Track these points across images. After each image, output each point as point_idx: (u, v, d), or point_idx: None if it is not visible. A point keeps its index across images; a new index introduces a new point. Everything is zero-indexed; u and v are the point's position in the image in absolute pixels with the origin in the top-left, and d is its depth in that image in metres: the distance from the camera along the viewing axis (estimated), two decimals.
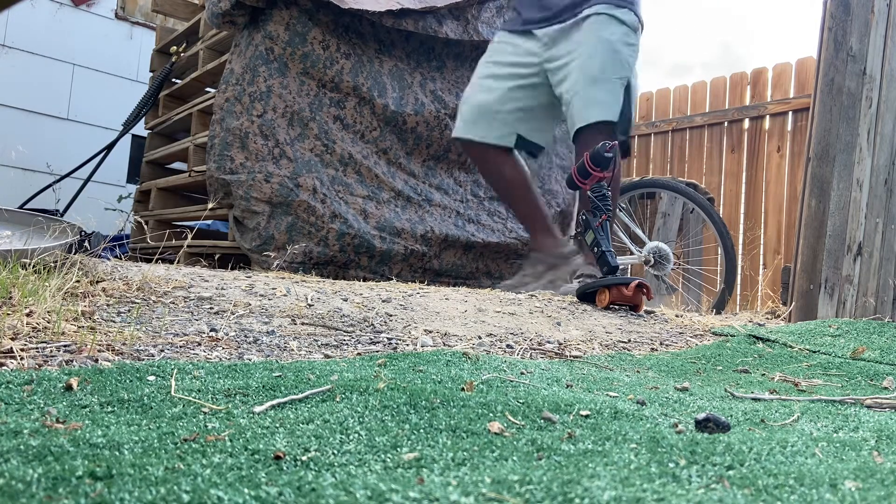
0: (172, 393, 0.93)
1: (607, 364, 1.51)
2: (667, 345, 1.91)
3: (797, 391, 1.36)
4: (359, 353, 1.39)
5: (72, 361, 1.11)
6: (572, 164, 3.67)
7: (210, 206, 2.69)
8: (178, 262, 2.51)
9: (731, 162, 4.85)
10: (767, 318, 2.71)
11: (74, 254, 2.02)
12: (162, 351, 1.25)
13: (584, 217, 2.52)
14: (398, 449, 0.74)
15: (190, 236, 2.22)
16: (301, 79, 2.89)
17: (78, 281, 1.68)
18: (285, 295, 1.87)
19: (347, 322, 1.68)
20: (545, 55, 2.78)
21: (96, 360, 1.12)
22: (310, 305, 1.79)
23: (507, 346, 1.63)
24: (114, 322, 1.42)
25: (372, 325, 1.68)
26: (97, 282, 1.76)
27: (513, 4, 2.96)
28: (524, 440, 0.78)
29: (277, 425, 0.81)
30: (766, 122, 4.70)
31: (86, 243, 2.25)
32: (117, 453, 0.68)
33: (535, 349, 1.64)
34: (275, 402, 0.91)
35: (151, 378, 1.01)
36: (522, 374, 1.24)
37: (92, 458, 0.65)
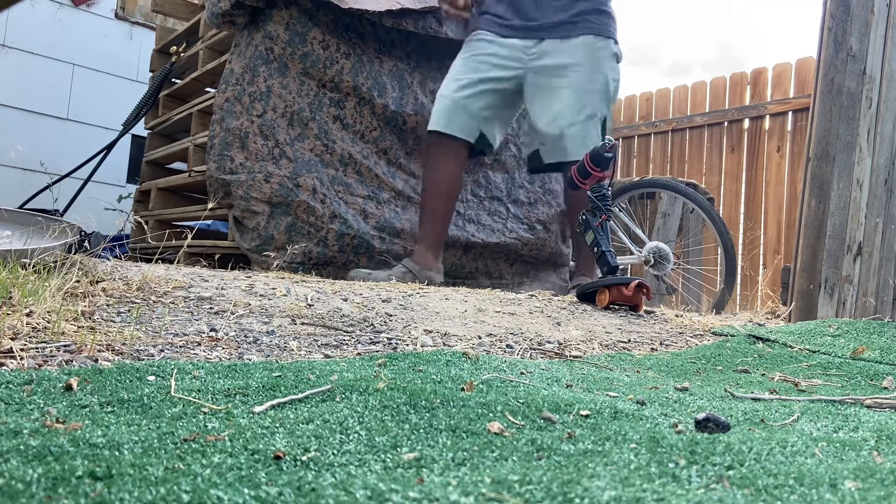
0: (172, 393, 0.93)
1: (607, 364, 1.51)
2: (667, 345, 1.91)
3: (797, 391, 1.37)
4: (359, 353, 1.39)
5: (72, 361, 1.11)
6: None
7: (210, 206, 2.69)
8: (178, 262, 2.51)
9: (731, 162, 4.86)
10: (767, 318, 2.71)
11: (74, 254, 2.02)
12: (162, 351, 1.25)
13: (584, 217, 2.52)
14: (398, 449, 0.74)
15: (190, 236, 2.22)
16: (301, 79, 2.89)
17: (78, 281, 1.68)
18: (285, 295, 1.87)
19: (347, 322, 1.68)
20: (530, 63, 2.82)
21: (96, 360, 1.12)
22: (310, 305, 1.79)
23: (507, 346, 1.63)
24: (114, 322, 1.42)
25: (372, 325, 1.68)
26: (97, 282, 1.76)
27: (489, 6, 2.95)
28: (524, 440, 0.78)
29: (277, 425, 0.81)
30: (766, 122, 4.70)
31: (86, 243, 2.25)
32: (117, 453, 0.68)
33: (534, 349, 1.64)
34: (275, 402, 0.91)
35: (151, 378, 1.01)
36: (522, 374, 1.24)
37: (92, 458, 0.65)
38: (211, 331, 1.44)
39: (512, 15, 2.86)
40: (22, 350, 1.12)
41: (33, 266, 1.73)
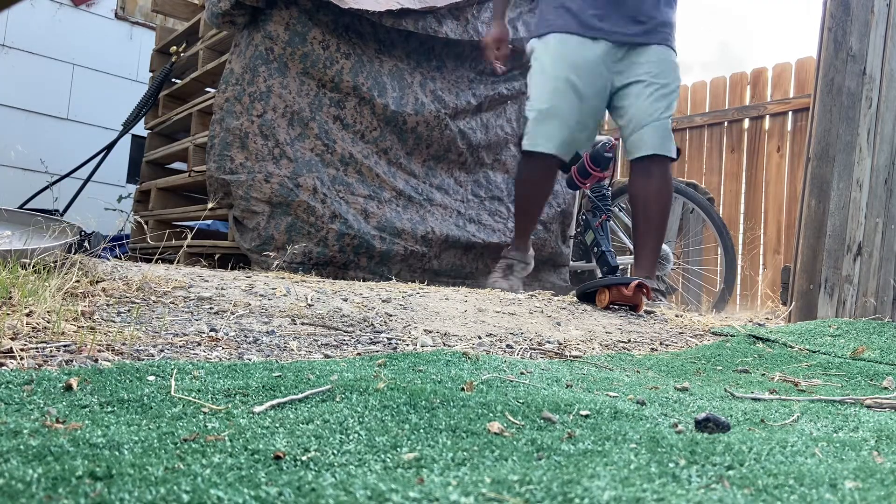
0: (172, 393, 0.93)
1: (607, 364, 1.51)
2: (667, 345, 1.91)
3: (797, 391, 1.36)
4: (359, 353, 1.39)
5: (72, 361, 1.11)
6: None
7: (210, 206, 2.69)
8: (178, 262, 2.51)
9: (731, 162, 4.85)
10: (767, 318, 2.71)
11: (74, 254, 2.02)
12: (162, 351, 1.25)
13: (584, 217, 2.53)
14: (398, 449, 0.74)
15: (190, 236, 2.22)
16: (301, 79, 2.89)
17: (78, 281, 1.68)
18: (285, 295, 1.87)
19: (347, 322, 1.68)
20: (615, 67, 2.84)
21: (96, 360, 1.12)
22: (310, 305, 1.79)
23: (507, 346, 1.63)
24: (114, 322, 1.42)
25: (372, 325, 1.68)
26: (97, 282, 1.76)
27: (558, 3, 2.90)
28: (524, 440, 0.78)
29: (277, 425, 0.81)
30: (766, 122, 4.70)
31: (86, 243, 2.25)
32: (117, 453, 0.68)
33: (535, 349, 1.64)
34: (275, 402, 0.91)
35: (151, 378, 1.01)
36: (522, 374, 1.24)
37: (92, 458, 0.65)
38: (211, 331, 1.44)
39: (599, 17, 2.83)
40: (22, 350, 1.12)
41: (33, 266, 1.73)
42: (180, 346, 1.29)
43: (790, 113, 4.58)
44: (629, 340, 1.89)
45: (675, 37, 2.96)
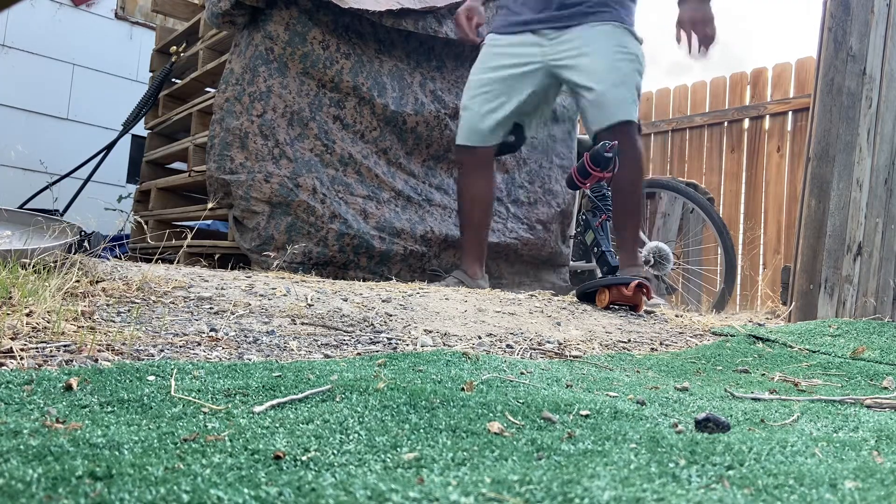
0: (172, 393, 0.93)
1: (607, 364, 1.51)
2: (667, 345, 1.91)
3: (797, 391, 1.36)
4: (359, 353, 1.39)
5: (72, 361, 1.11)
6: (572, 163, 3.69)
7: (210, 206, 2.69)
8: (178, 262, 2.51)
9: (731, 162, 4.86)
10: (767, 318, 2.71)
11: (74, 254, 2.02)
12: (162, 351, 1.25)
13: (584, 217, 2.52)
14: (398, 449, 0.74)
15: (190, 236, 2.22)
16: (301, 79, 2.89)
17: (78, 281, 1.68)
18: (285, 295, 1.87)
19: (347, 322, 1.68)
20: (551, 52, 2.77)
21: (96, 360, 1.12)
22: (310, 305, 1.79)
23: (507, 346, 1.63)
24: (114, 322, 1.42)
25: (372, 325, 1.68)
26: (97, 282, 1.76)
27: (503, 3, 2.95)
28: (524, 440, 0.78)
29: (277, 425, 0.81)
30: (766, 122, 4.70)
31: (85, 243, 2.25)
32: (117, 453, 0.68)
33: (535, 349, 1.64)
34: (275, 402, 0.91)
35: (151, 378, 1.01)
36: (522, 374, 1.24)
37: (92, 458, 0.65)
38: (211, 331, 1.44)
39: (522, 9, 2.83)
40: (22, 350, 1.12)
41: (33, 266, 1.73)
42: (180, 346, 1.29)
43: (790, 113, 4.59)
44: (629, 340, 1.89)
45: (624, 16, 2.78)
